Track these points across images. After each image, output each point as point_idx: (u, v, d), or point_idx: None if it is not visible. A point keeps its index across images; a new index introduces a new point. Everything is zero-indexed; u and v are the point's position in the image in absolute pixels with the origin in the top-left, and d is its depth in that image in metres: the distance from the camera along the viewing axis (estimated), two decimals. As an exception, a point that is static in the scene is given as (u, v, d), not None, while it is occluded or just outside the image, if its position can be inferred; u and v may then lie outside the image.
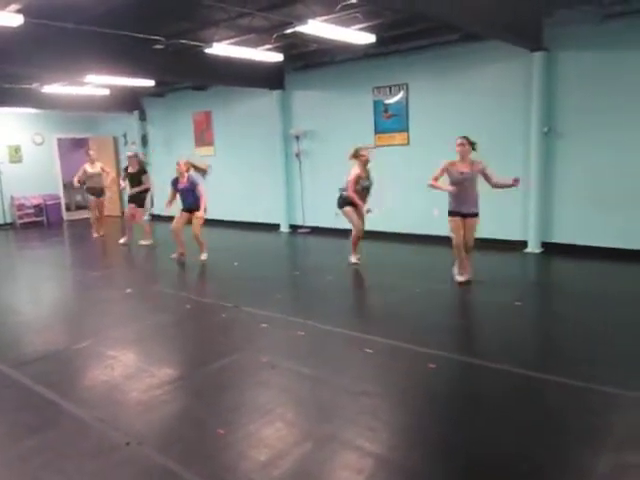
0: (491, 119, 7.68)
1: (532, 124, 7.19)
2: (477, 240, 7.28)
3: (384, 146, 8.85)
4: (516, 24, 6.47)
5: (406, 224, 8.76)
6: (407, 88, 8.42)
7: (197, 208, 7.51)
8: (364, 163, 6.81)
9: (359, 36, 6.54)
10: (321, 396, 3.41)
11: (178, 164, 7.68)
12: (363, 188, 6.82)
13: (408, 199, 8.74)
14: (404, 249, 8.26)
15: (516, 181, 5.63)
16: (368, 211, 6.78)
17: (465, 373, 3.71)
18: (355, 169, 6.79)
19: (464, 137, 5.70)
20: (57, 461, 2.78)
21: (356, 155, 6.82)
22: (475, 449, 2.78)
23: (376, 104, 8.82)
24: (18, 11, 5.12)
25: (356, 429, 2.99)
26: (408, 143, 8.56)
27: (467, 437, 2.88)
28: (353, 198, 6.71)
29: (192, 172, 7.63)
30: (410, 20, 6.97)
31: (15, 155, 12.91)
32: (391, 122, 8.68)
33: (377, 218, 8.95)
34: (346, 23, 6.35)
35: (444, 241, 8.15)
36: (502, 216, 7.77)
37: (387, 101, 8.67)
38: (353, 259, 6.94)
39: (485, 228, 7.85)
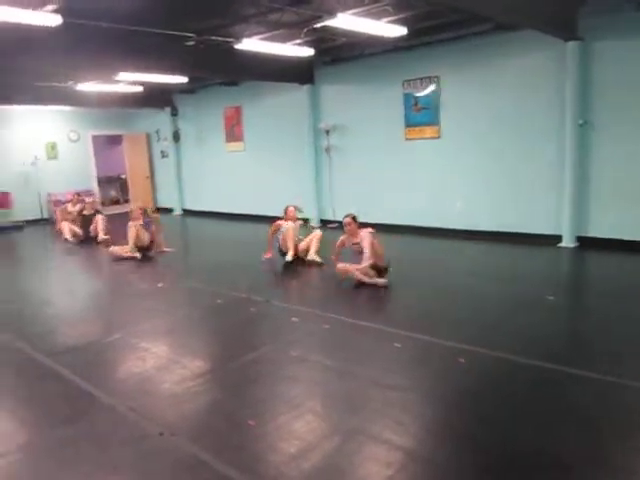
0: (524, 110, 7.53)
1: (567, 116, 7.02)
2: (509, 234, 7.22)
3: (414, 139, 8.78)
4: (550, 13, 6.32)
5: (432, 218, 8.68)
6: (438, 80, 8.32)
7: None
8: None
9: (390, 29, 6.48)
10: (350, 389, 3.42)
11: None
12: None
13: (437, 193, 8.65)
14: (430, 243, 8.18)
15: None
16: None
17: (495, 368, 3.66)
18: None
19: (350, 216, 6.01)
20: (91, 450, 2.85)
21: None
22: (505, 444, 2.74)
23: (406, 97, 8.74)
24: (55, 11, 5.23)
25: (385, 422, 2.98)
26: (439, 136, 8.47)
27: (497, 432, 2.85)
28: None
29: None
30: (442, 12, 6.88)
31: (51, 152, 13.23)
32: (421, 115, 8.59)
33: (405, 213, 8.93)
34: (376, 16, 6.30)
35: (469, 235, 8.09)
36: (534, 210, 7.63)
37: (417, 94, 8.59)
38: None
39: (517, 222, 7.77)
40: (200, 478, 2.57)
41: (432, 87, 8.41)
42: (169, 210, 13.81)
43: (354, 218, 6.05)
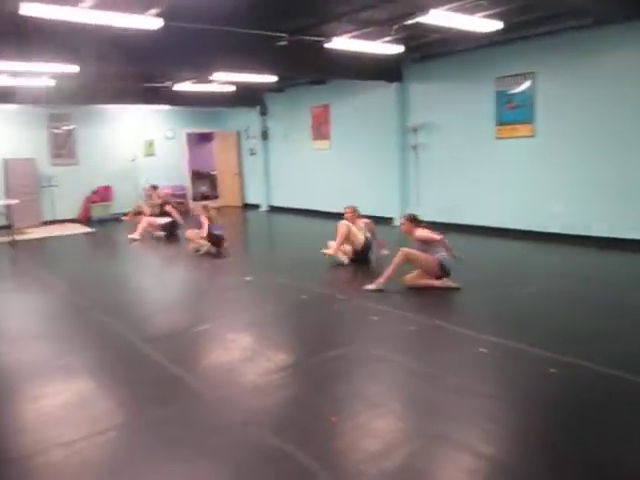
0: (627, 107, 7.04)
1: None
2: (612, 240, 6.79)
3: (506, 138, 8.46)
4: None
5: (525, 220, 8.33)
6: (534, 77, 7.96)
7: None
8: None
9: (485, 24, 6.29)
10: (433, 393, 3.35)
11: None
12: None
13: (531, 194, 8.29)
14: (522, 246, 7.85)
15: None
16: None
17: (591, 381, 3.44)
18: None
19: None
20: (181, 433, 2.98)
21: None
22: (598, 460, 2.58)
23: (499, 95, 8.44)
24: (157, 15, 5.51)
25: (470, 430, 2.90)
26: (533, 135, 8.11)
27: (591, 448, 2.68)
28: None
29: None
30: (539, 5, 6.57)
31: (149, 149, 13.99)
32: (515, 113, 8.26)
33: (495, 214, 8.64)
34: (470, 11, 6.13)
35: (566, 239, 7.68)
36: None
37: (511, 91, 8.27)
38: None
39: (620, 226, 7.27)
40: (283, 470, 2.62)
41: (527, 84, 8.06)
42: (256, 206, 14.19)
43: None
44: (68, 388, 3.63)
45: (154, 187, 11.00)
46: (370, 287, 5.63)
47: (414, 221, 5.86)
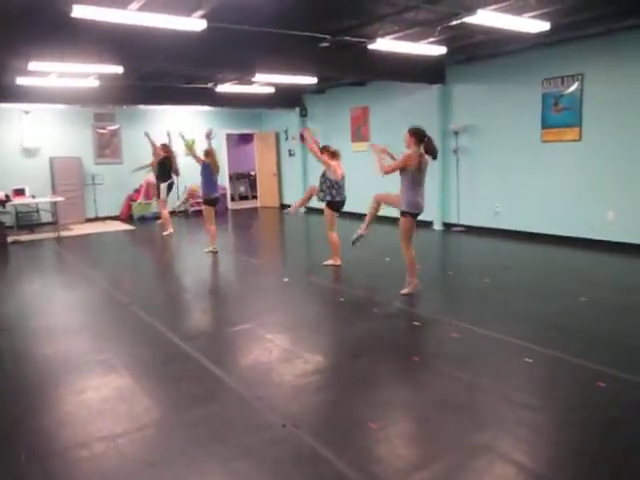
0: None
1: None
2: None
3: (552, 142, 8.23)
4: None
5: (573, 227, 8.07)
6: (582, 79, 7.72)
7: None
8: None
9: (532, 24, 6.12)
10: (477, 402, 3.26)
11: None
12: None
13: (578, 200, 8.04)
14: (570, 253, 7.61)
15: None
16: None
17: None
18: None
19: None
20: (219, 431, 2.98)
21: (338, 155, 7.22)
22: (656, 483, 2.46)
23: (545, 97, 8.22)
24: (202, 16, 5.56)
25: (515, 442, 2.80)
26: (580, 139, 7.86)
27: (637, 467, 2.56)
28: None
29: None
30: (590, 5, 6.36)
31: (190, 149, 14.15)
32: (562, 116, 8.03)
33: (540, 220, 8.41)
34: (517, 11, 5.98)
35: (617, 247, 7.40)
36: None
37: (558, 93, 8.04)
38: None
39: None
40: (320, 474, 2.58)
41: (574, 86, 7.82)
42: (290, 206, 14.19)
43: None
44: (108, 383, 3.68)
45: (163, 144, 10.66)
46: (405, 291, 5.53)
47: (416, 136, 5.51)
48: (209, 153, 8.40)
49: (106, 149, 13.06)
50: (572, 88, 7.86)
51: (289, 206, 7.52)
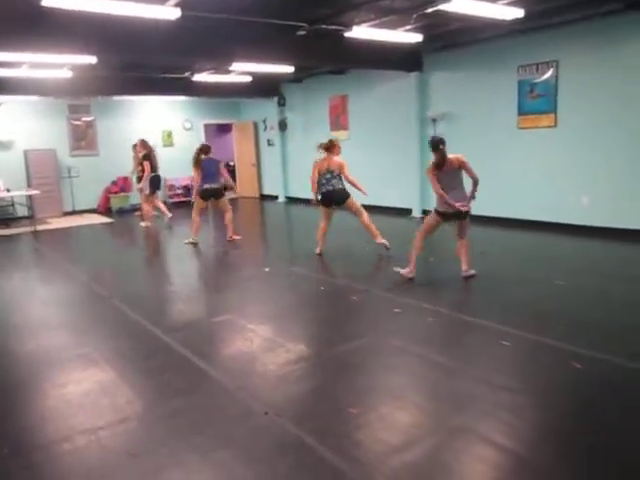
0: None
1: None
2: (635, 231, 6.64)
3: (528, 128, 8.33)
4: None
5: (549, 213, 8.20)
6: (557, 65, 7.81)
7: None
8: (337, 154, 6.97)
9: (506, 11, 6.17)
10: (455, 386, 3.31)
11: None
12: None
13: (554, 185, 8.16)
14: (545, 238, 7.73)
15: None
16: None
17: (618, 376, 3.37)
18: (339, 157, 6.94)
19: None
20: (200, 422, 2.99)
21: (332, 146, 6.93)
22: (621, 458, 2.53)
23: (521, 84, 8.30)
24: (176, 5, 5.49)
25: (494, 424, 2.86)
26: (556, 125, 7.96)
27: (620, 447, 2.62)
28: (354, 183, 6.98)
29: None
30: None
31: (167, 140, 14.03)
32: (537, 103, 8.12)
33: (517, 205, 8.52)
34: (493, -2, 6.01)
35: (593, 232, 7.54)
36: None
37: (533, 80, 8.12)
38: (381, 240, 6.97)
39: (633, 219, 7.15)
40: (303, 461, 2.61)
41: (550, 72, 7.91)
42: (273, 197, 14.18)
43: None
44: (89, 377, 3.66)
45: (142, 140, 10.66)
46: (401, 271, 5.75)
47: (430, 146, 5.65)
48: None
49: (82, 141, 12.85)
50: (547, 75, 7.94)
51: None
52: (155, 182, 10.35)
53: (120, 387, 3.50)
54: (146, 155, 10.23)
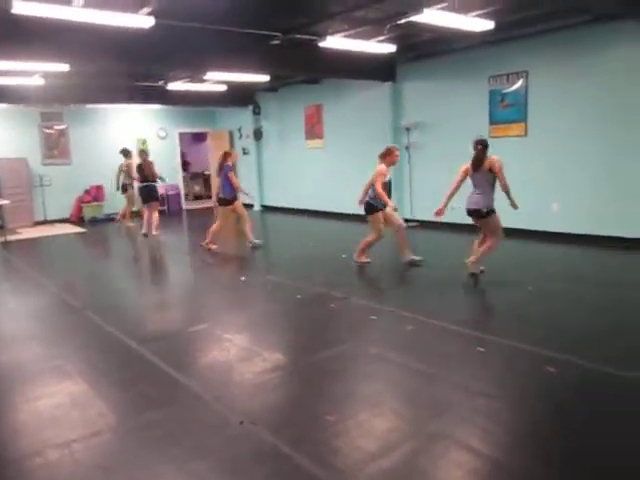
0: (623, 106, 7.07)
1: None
2: (605, 238, 6.79)
3: (499, 137, 8.48)
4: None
5: (521, 219, 8.32)
6: (527, 76, 7.99)
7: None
8: (393, 163, 6.70)
9: (477, 23, 6.29)
10: (432, 392, 3.34)
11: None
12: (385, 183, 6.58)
13: (523, 193, 8.30)
14: (514, 245, 7.86)
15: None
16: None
17: (589, 380, 3.44)
18: (380, 165, 6.59)
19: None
20: (176, 434, 2.96)
21: (388, 154, 6.63)
22: (598, 463, 2.57)
23: (492, 94, 8.46)
24: (149, 13, 5.47)
25: (471, 429, 2.89)
26: (526, 134, 8.13)
27: (591, 451, 2.67)
28: (382, 196, 6.42)
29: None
30: (534, 3, 6.57)
31: (142, 148, 13.88)
32: (508, 112, 8.28)
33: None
34: (464, 10, 6.12)
35: (561, 238, 7.70)
36: (631, 212, 7.16)
37: (504, 90, 8.29)
38: (364, 258, 6.78)
39: (614, 225, 7.31)
40: (280, 469, 2.60)
41: (520, 83, 8.08)
42: (249, 206, 14.11)
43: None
44: (62, 389, 3.59)
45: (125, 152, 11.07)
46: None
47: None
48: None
49: (54, 149, 12.66)
50: (517, 85, 8.11)
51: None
52: (144, 192, 10.18)
53: (93, 400, 3.44)
54: (139, 165, 10.19)
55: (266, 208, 13.69)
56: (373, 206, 6.60)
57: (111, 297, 6.14)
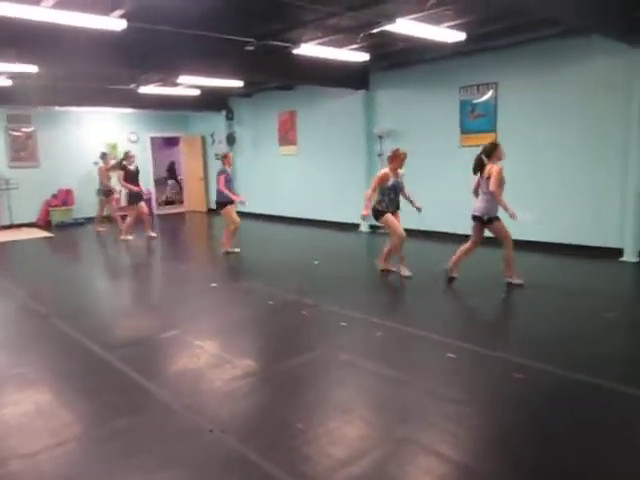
0: (587, 118, 7.27)
1: (634, 123, 6.73)
2: (567, 246, 6.92)
3: (470, 147, 8.60)
4: (621, 18, 6.09)
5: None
6: (496, 87, 8.14)
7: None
8: (399, 166, 6.62)
9: (449, 34, 6.40)
10: (402, 398, 3.36)
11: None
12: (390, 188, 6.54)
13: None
14: (489, 254, 7.97)
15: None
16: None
17: (557, 386, 3.51)
18: (384, 169, 6.60)
19: None
20: (144, 442, 2.92)
21: (395, 157, 6.58)
22: (568, 470, 2.62)
23: (462, 104, 8.60)
24: (122, 16, 5.41)
25: (439, 435, 2.92)
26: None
27: (558, 455, 2.71)
28: (367, 199, 6.47)
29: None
30: (505, 16, 6.71)
31: (112, 152, 13.68)
32: (478, 122, 8.43)
33: (461, 221, 8.76)
34: (436, 21, 6.22)
35: (533, 246, 7.84)
36: (595, 221, 7.35)
37: (474, 100, 8.43)
38: (406, 272, 6.42)
39: (576, 233, 7.50)
40: (248, 477, 2.58)
41: (490, 93, 8.24)
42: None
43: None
44: (26, 398, 3.50)
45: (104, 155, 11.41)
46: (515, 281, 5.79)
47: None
48: None
49: (21, 152, 12.38)
50: (487, 96, 8.27)
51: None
52: (136, 195, 10.25)
53: (58, 408, 3.37)
54: (123, 167, 10.26)
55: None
56: (380, 211, 6.55)
57: (78, 303, 6.02)
